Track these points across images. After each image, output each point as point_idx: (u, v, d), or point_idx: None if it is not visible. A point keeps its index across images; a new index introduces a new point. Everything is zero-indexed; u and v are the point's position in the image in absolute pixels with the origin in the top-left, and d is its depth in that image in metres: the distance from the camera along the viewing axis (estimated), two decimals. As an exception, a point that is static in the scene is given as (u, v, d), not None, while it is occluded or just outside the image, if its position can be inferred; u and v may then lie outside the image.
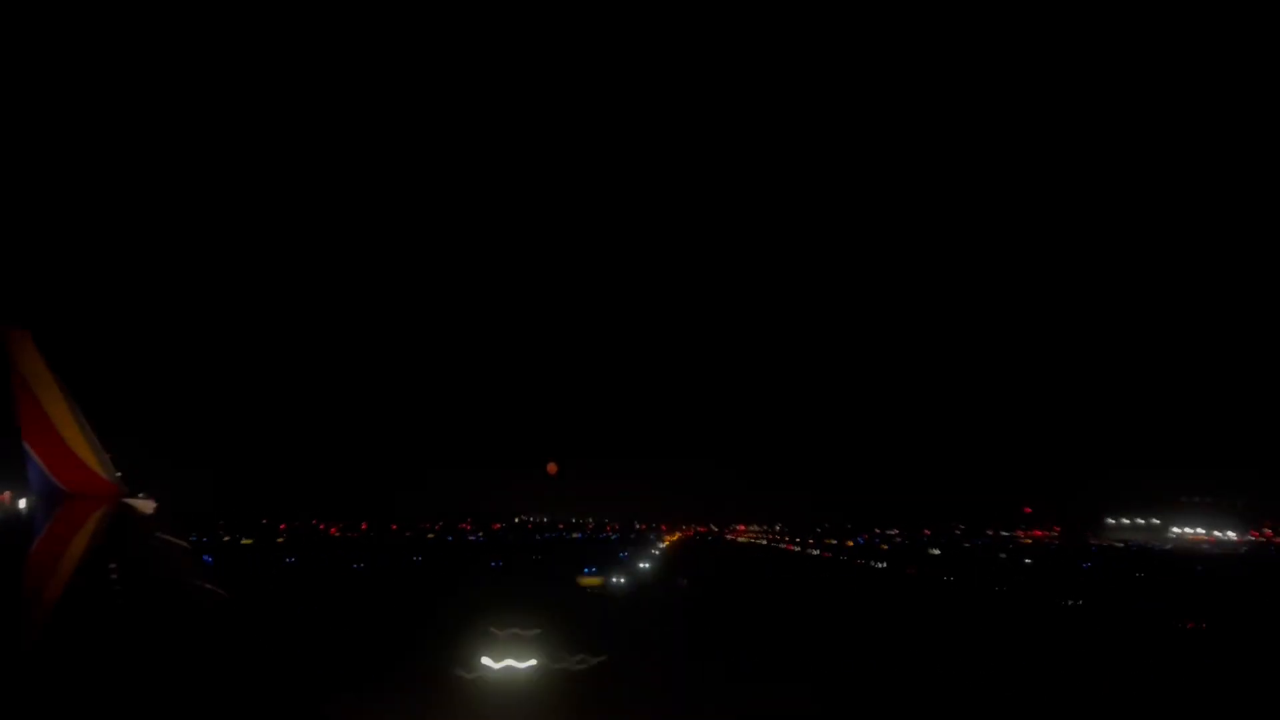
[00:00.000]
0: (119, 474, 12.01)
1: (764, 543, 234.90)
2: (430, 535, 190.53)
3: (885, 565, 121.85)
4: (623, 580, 70.33)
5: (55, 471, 11.31)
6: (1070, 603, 64.90)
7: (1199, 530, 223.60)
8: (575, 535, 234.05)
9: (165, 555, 10.22)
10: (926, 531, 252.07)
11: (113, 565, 8.99)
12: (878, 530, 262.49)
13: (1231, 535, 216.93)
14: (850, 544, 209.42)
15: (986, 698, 31.56)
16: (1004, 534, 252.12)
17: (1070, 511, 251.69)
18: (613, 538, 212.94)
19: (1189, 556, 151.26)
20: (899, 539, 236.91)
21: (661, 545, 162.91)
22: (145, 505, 11.59)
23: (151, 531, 10.73)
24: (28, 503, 11.87)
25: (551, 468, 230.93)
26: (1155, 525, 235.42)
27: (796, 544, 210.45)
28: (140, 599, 8.34)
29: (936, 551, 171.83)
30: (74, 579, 8.90)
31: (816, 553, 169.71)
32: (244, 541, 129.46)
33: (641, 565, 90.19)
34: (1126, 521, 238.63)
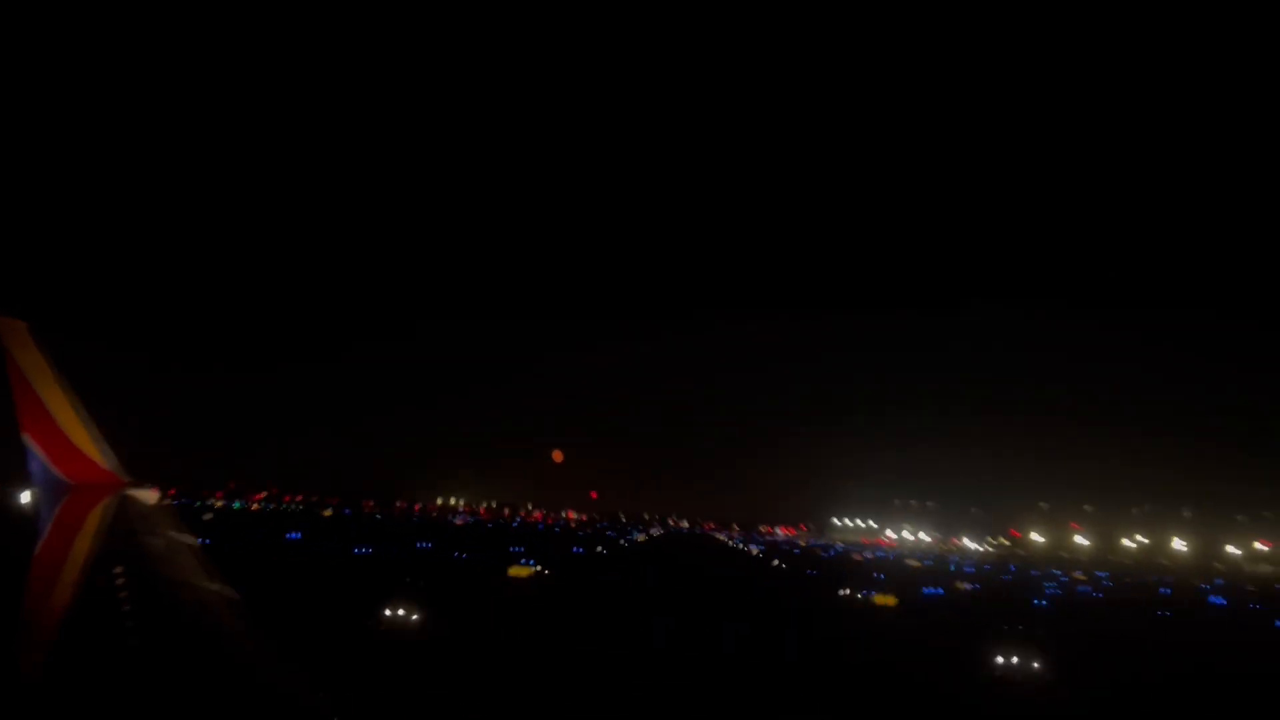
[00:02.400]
0: (120, 464, 11.93)
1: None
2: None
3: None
4: None
5: (57, 463, 11.23)
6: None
7: (904, 533, 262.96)
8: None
9: (171, 555, 10.14)
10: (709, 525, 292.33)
11: (118, 569, 8.96)
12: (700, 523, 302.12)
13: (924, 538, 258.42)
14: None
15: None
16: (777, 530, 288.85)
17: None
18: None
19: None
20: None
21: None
22: (148, 495, 11.51)
23: (156, 528, 10.65)
24: (30, 496, 11.81)
25: (557, 455, 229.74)
26: (873, 528, 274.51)
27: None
28: (147, 605, 8.28)
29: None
30: (80, 586, 8.84)
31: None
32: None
33: None
34: (849, 523, 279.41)
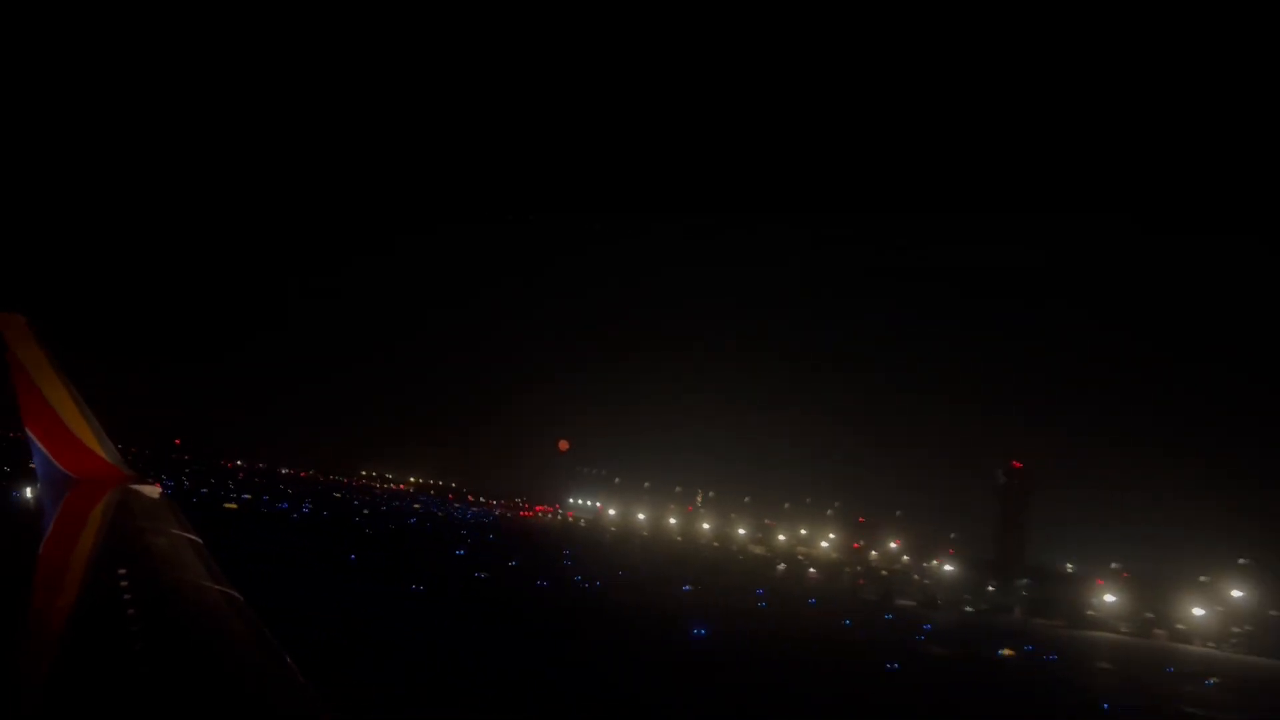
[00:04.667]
0: (123, 458, 11.85)
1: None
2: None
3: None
4: None
5: (59, 457, 11.16)
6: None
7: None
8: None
9: (175, 555, 10.02)
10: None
11: (122, 570, 8.79)
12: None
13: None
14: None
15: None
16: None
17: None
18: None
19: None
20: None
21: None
22: (151, 490, 11.43)
23: (159, 526, 10.54)
24: (34, 490, 11.75)
25: (563, 445, 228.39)
26: (595, 506, 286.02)
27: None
28: (150, 607, 8.12)
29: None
30: (83, 587, 8.79)
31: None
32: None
33: None
34: (582, 503, 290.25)
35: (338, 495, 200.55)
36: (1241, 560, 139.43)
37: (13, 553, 10.49)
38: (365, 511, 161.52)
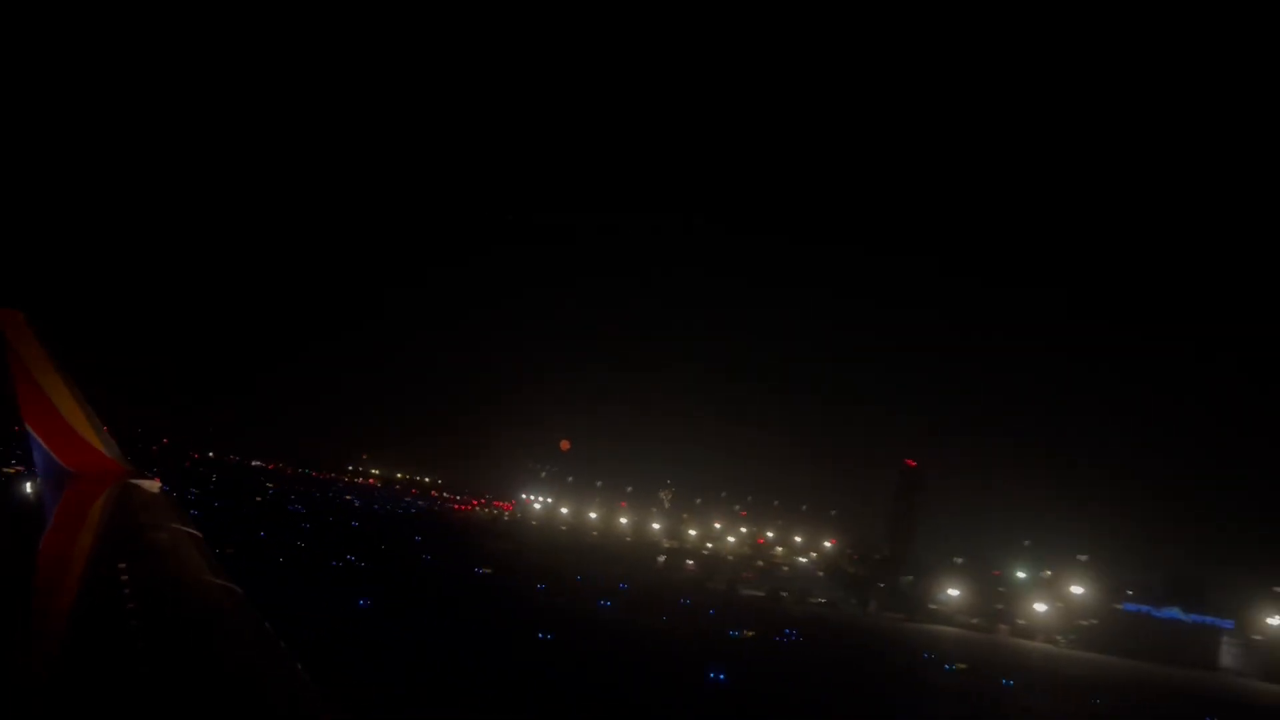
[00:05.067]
0: (122, 453, 12.01)
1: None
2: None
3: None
4: None
5: (59, 452, 11.30)
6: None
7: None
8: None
9: (175, 550, 10.28)
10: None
11: (122, 565, 8.96)
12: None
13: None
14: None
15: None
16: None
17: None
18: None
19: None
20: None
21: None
22: (151, 485, 11.65)
23: (159, 521, 10.76)
24: (34, 485, 11.86)
25: (564, 444, 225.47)
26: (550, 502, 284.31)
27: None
28: (151, 603, 8.33)
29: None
30: (84, 582, 8.90)
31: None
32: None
33: None
34: (534, 499, 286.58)
35: (270, 485, 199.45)
36: (1081, 556, 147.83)
37: (14, 547, 10.58)
38: (268, 499, 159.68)
